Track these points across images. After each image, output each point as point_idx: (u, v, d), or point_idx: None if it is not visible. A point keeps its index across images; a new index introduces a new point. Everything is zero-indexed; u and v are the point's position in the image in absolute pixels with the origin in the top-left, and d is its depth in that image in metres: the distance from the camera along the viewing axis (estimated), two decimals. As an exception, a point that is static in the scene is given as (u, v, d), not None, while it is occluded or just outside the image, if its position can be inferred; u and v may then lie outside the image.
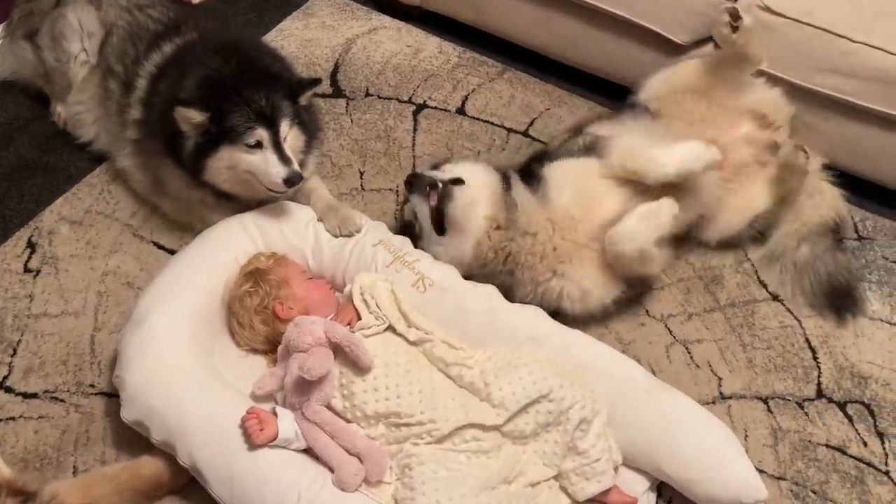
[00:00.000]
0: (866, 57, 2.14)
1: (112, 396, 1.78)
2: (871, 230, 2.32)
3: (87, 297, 2.00)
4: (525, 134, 2.52)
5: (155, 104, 2.01)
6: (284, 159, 1.87)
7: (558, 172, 1.97)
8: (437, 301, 1.83)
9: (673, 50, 2.42)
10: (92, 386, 1.84)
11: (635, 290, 2.03)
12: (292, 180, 1.87)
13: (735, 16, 1.95)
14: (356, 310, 1.76)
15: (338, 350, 1.65)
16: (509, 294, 1.93)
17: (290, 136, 1.93)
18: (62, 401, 1.81)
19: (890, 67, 2.12)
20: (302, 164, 2.00)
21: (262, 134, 1.86)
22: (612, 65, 2.58)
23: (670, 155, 1.87)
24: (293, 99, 1.94)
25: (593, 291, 1.93)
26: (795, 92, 2.27)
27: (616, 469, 1.66)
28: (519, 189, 1.96)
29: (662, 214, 1.84)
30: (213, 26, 2.19)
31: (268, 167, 1.87)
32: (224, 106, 1.84)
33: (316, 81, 2.01)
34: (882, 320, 2.13)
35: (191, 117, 1.84)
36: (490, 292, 1.88)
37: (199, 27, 2.13)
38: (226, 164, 1.89)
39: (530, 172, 2.02)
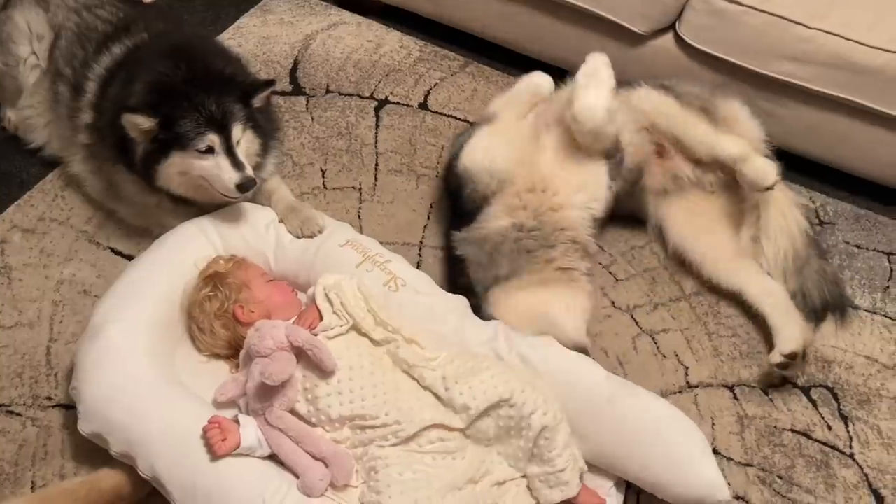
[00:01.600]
0: (822, 43, 2.15)
1: (70, 409, 1.74)
2: (831, 215, 2.35)
3: (41, 307, 1.95)
4: (488, 127, 2.51)
5: (105, 108, 1.96)
6: (237, 164, 1.84)
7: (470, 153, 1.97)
8: (409, 301, 1.81)
9: (633, 40, 2.43)
10: (49, 398, 1.80)
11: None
12: (245, 185, 1.84)
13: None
14: (319, 311, 1.74)
15: (301, 354, 1.63)
16: None
17: (244, 139, 1.89)
18: (18, 414, 1.77)
19: (846, 53, 2.14)
20: (259, 166, 1.97)
21: (213, 139, 1.82)
22: (574, 56, 2.53)
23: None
24: (246, 102, 1.89)
25: None
26: (752, 79, 2.29)
27: (581, 476, 1.64)
28: None
29: (601, 69, 1.90)
30: (164, 26, 2.14)
31: (220, 172, 1.83)
32: (173, 112, 1.80)
33: (269, 83, 1.98)
34: (844, 304, 2.15)
35: (139, 124, 1.80)
36: (463, 300, 1.88)
37: (150, 28, 2.08)
38: (177, 169, 1.86)
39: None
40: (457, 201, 2.04)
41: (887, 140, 2.26)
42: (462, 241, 1.98)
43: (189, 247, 1.88)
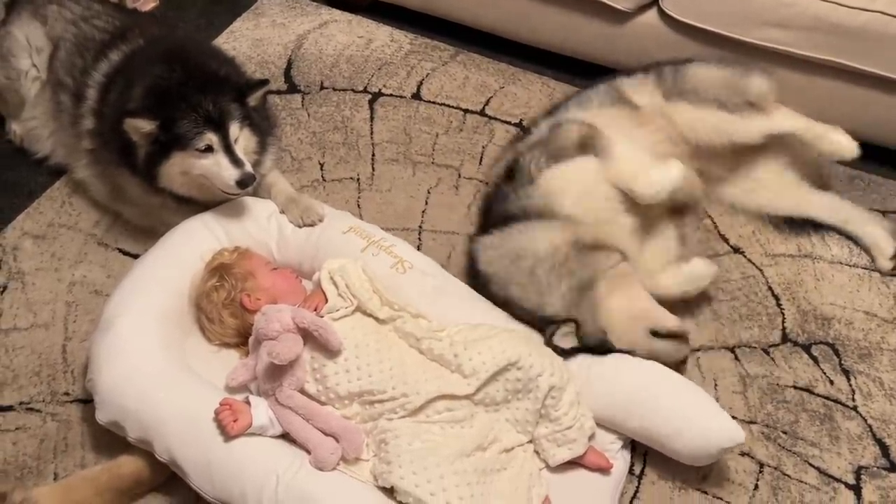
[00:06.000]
0: (804, 6, 2.18)
1: (87, 402, 1.79)
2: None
3: (55, 309, 2.00)
4: (482, 113, 2.55)
5: (106, 113, 2.02)
6: (236, 161, 1.89)
7: (558, 181, 1.90)
8: (417, 282, 1.86)
9: (618, 18, 2.46)
10: (67, 394, 1.85)
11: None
12: (245, 182, 1.89)
13: None
14: (324, 293, 1.78)
15: (307, 335, 1.67)
16: None
17: (242, 137, 1.94)
18: (38, 411, 1.82)
19: (827, 14, 2.17)
20: (257, 163, 2.02)
21: (211, 138, 1.88)
22: (561, 38, 2.62)
23: (662, 177, 1.88)
24: (241, 101, 1.95)
25: None
26: (738, 48, 2.32)
27: (590, 437, 1.69)
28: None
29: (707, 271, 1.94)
30: (160, 32, 2.20)
31: (220, 170, 1.89)
32: (172, 113, 1.85)
33: (263, 82, 2.03)
34: (841, 263, 2.17)
35: (140, 127, 1.86)
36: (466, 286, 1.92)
37: (145, 34, 2.14)
38: (178, 169, 1.91)
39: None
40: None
41: (875, 99, 2.29)
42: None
43: (194, 241, 1.94)
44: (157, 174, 1.93)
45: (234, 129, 1.92)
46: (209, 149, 1.89)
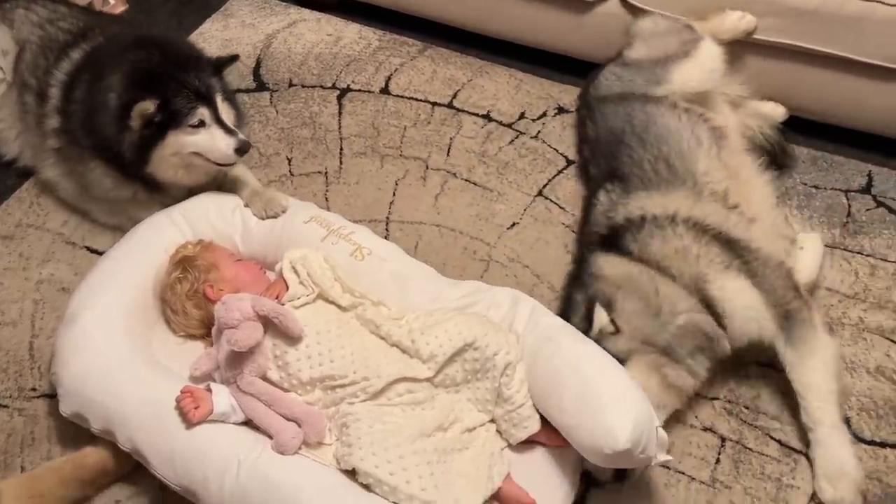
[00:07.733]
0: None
1: (53, 397, 1.79)
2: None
3: (22, 307, 2.02)
4: (449, 106, 2.58)
5: (71, 111, 2.04)
6: (229, 131, 1.94)
7: None
8: (375, 268, 1.87)
9: (580, 8, 2.49)
10: (33, 389, 1.87)
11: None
12: (243, 148, 1.94)
13: None
14: (286, 282, 1.80)
15: (268, 322, 1.69)
16: None
17: (224, 110, 1.99)
18: (5, 406, 1.84)
19: (799, 2, 2.19)
20: None
21: (203, 112, 1.92)
22: (526, 30, 2.65)
23: None
24: (219, 75, 2.01)
25: None
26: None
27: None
28: None
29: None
30: (119, 30, 2.22)
31: (215, 142, 1.93)
32: (164, 93, 1.88)
33: (234, 57, 2.10)
34: (803, 241, 2.19)
35: (146, 109, 1.87)
36: (428, 266, 1.93)
37: (105, 32, 2.16)
38: (172, 150, 1.93)
39: None
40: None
41: (834, 80, 2.31)
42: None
43: (159, 235, 1.95)
44: (147, 159, 1.94)
45: (220, 102, 1.96)
46: (201, 123, 1.92)
